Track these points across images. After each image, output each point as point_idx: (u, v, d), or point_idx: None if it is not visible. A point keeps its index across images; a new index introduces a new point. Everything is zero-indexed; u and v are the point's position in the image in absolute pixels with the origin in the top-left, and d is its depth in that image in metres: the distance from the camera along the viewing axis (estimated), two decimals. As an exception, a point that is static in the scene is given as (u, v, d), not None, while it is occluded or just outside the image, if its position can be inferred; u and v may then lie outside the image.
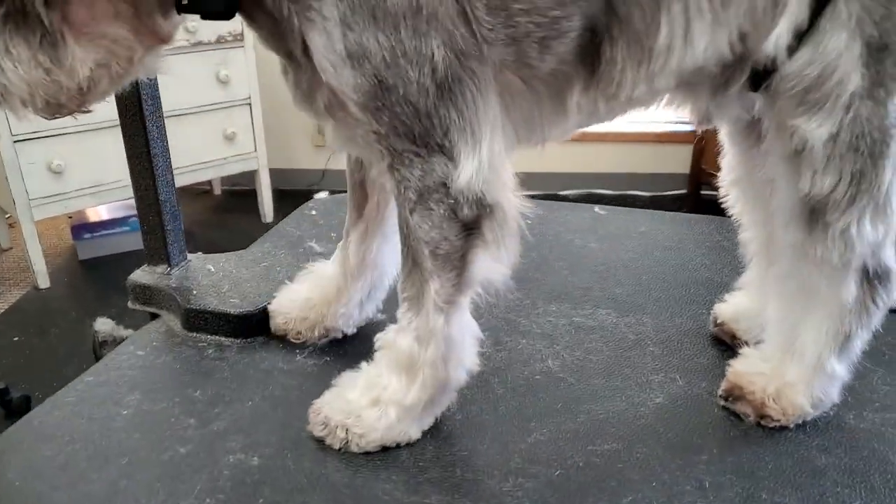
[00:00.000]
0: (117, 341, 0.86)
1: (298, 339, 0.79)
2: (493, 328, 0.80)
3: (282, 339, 0.79)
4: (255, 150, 2.84)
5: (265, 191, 2.90)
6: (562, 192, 3.40)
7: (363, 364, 0.67)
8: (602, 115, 0.62)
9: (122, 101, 0.77)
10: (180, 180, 3.00)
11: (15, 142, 2.33)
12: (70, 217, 2.75)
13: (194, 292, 0.81)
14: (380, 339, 0.65)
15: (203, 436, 0.64)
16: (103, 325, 0.89)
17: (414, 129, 0.55)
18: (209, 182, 3.19)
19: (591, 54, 0.56)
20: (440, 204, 0.57)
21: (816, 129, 0.56)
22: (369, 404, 0.63)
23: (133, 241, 2.76)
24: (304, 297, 0.80)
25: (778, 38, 0.55)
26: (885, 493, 0.58)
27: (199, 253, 0.92)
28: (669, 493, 0.58)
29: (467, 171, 0.56)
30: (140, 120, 0.77)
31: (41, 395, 1.90)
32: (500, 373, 0.73)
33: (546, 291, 0.90)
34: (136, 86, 0.76)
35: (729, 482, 0.59)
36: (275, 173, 2.96)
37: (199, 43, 2.68)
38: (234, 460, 0.61)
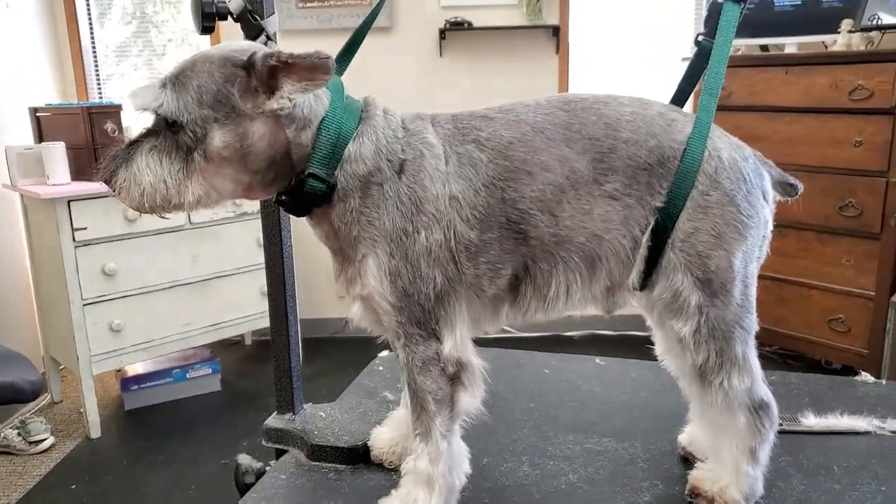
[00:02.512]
0: (255, 471, 1.23)
1: (392, 465, 1.15)
2: (530, 453, 1.19)
3: (380, 466, 1.16)
4: (289, 305, 3.27)
5: (296, 341, 3.31)
6: (566, 333, 3.82)
7: (392, 490, 1.01)
8: (522, 321, 1.03)
9: (274, 306, 1.21)
10: (223, 333, 3.47)
11: (84, 305, 2.77)
12: (118, 371, 3.13)
13: (315, 433, 1.20)
14: (404, 468, 1.00)
15: (342, 531, 1.00)
16: (244, 459, 1.25)
17: (420, 320, 0.94)
18: (241, 334, 3.60)
19: (515, 289, 0.98)
20: (436, 366, 0.96)
21: (683, 328, 0.96)
22: None
23: (174, 391, 3.12)
24: (389, 436, 1.19)
25: (632, 281, 0.97)
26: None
27: (310, 403, 1.31)
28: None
29: (448, 345, 0.95)
30: (285, 314, 1.20)
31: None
32: (536, 484, 1.11)
33: (564, 425, 1.29)
34: (283, 291, 1.19)
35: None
36: (303, 323, 3.39)
37: (244, 213, 3.21)
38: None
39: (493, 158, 0.94)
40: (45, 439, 2.77)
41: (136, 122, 2.96)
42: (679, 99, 1.07)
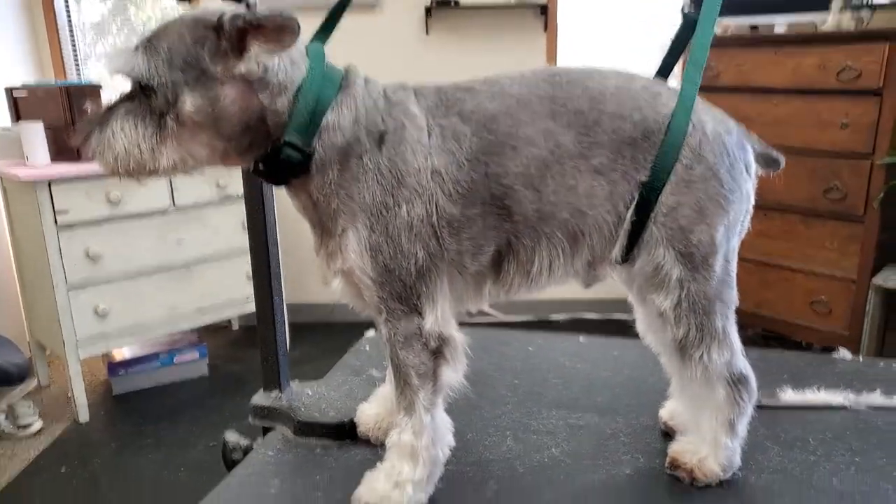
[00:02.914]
0: (242, 447, 1.25)
1: (377, 441, 1.18)
2: (514, 428, 1.22)
3: (366, 441, 1.19)
4: (276, 288, 3.28)
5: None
6: (552, 317, 3.85)
7: (377, 463, 1.03)
8: (504, 298, 1.05)
9: (259, 283, 1.22)
10: (209, 318, 3.47)
11: (69, 290, 2.77)
12: (105, 355, 3.14)
13: (302, 409, 1.22)
14: (389, 441, 1.02)
15: (329, 505, 1.03)
16: (231, 436, 1.28)
17: (402, 295, 0.95)
18: (228, 318, 3.61)
19: (497, 265, 0.99)
20: (418, 341, 0.97)
21: (664, 301, 0.98)
22: (393, 487, 0.97)
23: (162, 376, 3.14)
24: (374, 412, 1.21)
25: (614, 255, 0.99)
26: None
27: (296, 380, 1.33)
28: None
29: (430, 320, 0.97)
30: (269, 291, 1.22)
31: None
32: (520, 458, 1.14)
33: (548, 401, 1.32)
34: (268, 282, 1.21)
35: (672, 518, 0.99)
36: (290, 308, 3.40)
37: (228, 197, 3.21)
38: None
39: (477, 132, 0.94)
40: (33, 423, 2.78)
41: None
42: (664, 71, 1.08)
